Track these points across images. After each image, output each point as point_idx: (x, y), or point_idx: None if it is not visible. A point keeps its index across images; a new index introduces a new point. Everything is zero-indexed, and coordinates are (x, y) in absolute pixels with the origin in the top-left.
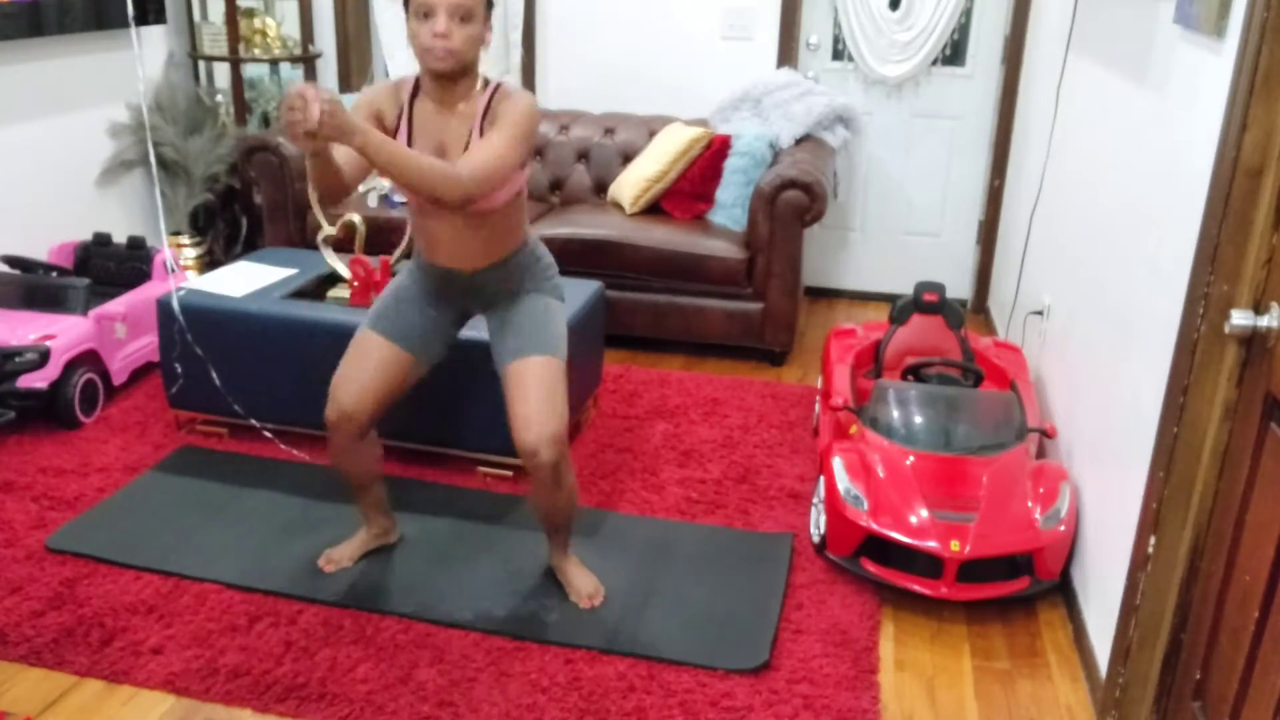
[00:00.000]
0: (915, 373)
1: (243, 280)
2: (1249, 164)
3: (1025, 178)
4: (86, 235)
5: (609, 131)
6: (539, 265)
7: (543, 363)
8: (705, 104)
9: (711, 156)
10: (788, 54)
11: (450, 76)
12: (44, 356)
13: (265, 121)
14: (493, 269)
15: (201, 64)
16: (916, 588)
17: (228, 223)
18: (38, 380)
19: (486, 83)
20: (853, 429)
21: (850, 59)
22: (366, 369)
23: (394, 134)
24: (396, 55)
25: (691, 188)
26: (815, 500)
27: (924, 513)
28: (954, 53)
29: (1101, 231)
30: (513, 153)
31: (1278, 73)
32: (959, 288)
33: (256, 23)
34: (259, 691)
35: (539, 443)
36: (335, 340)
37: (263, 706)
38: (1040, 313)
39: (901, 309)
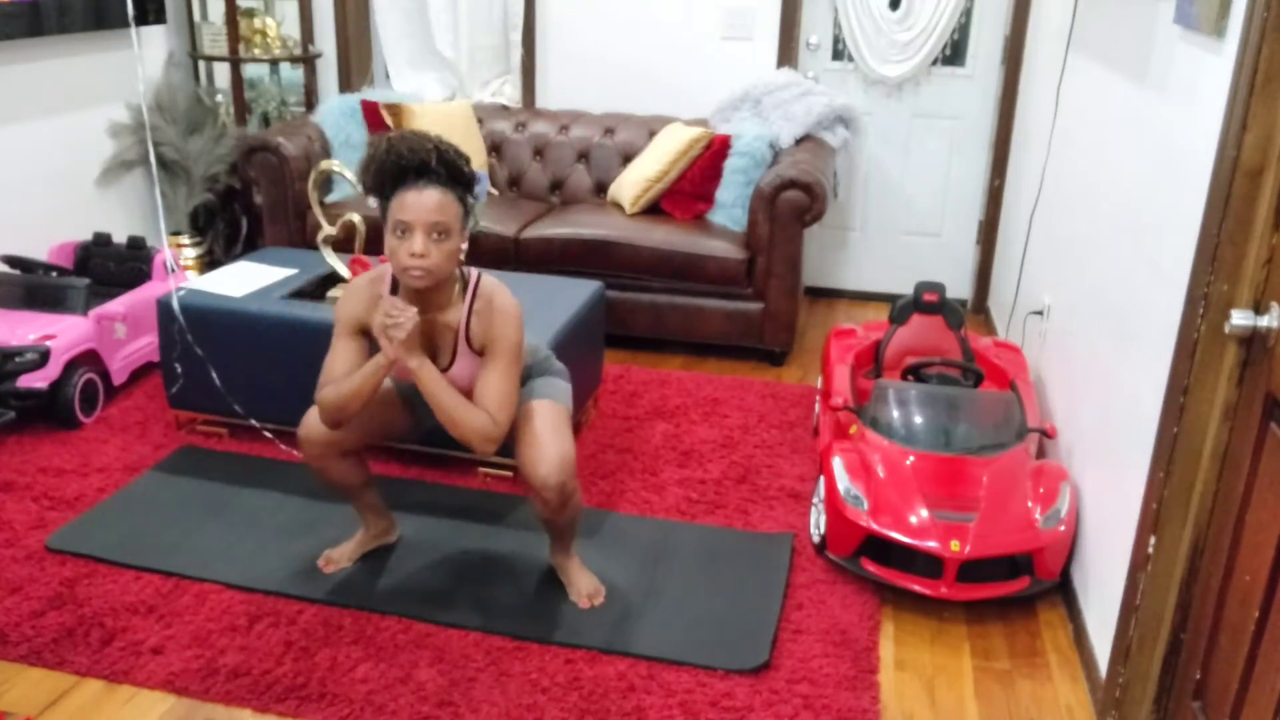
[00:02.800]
0: (915, 373)
1: (243, 280)
2: (1249, 164)
3: (1025, 178)
4: (86, 235)
5: (609, 131)
6: (537, 360)
7: (549, 405)
8: (705, 104)
9: (711, 156)
10: (788, 54)
11: (430, 288)
12: (44, 356)
13: (265, 121)
14: None
15: (201, 64)
16: (916, 588)
17: (228, 223)
18: (38, 380)
19: (464, 281)
20: (853, 429)
21: (850, 59)
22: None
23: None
24: (396, 56)
25: (691, 188)
26: (815, 500)
27: (924, 513)
28: (954, 53)
29: (1101, 231)
30: (516, 380)
31: (1278, 73)
32: (959, 288)
33: (256, 23)
34: (259, 691)
35: (549, 472)
36: None
37: (263, 706)
38: (1040, 313)
39: (901, 309)
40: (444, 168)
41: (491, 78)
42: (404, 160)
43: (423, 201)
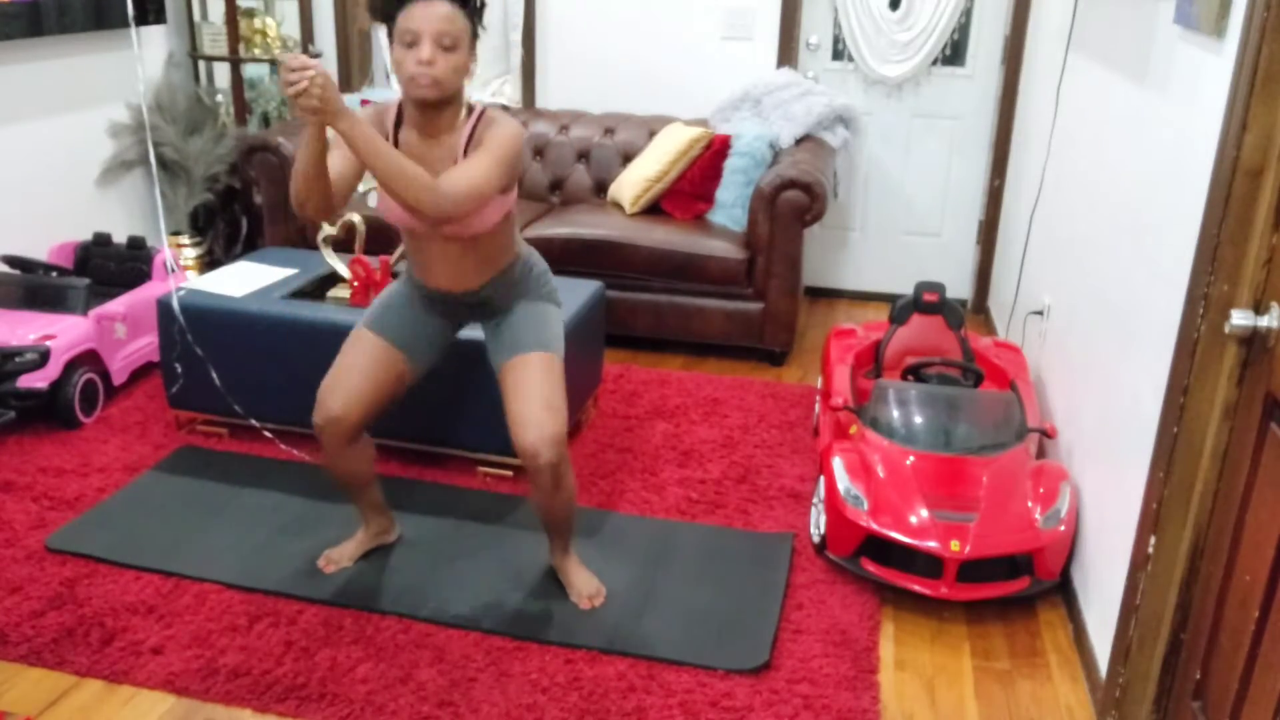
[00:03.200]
0: (915, 373)
1: (243, 280)
2: (1249, 164)
3: (1025, 178)
4: (86, 235)
5: (609, 131)
6: (532, 275)
7: (540, 359)
8: (705, 104)
9: (711, 156)
10: (788, 54)
11: (434, 105)
12: (44, 356)
13: (265, 121)
14: (485, 287)
15: (201, 64)
16: (916, 588)
17: (228, 223)
18: (38, 380)
19: (471, 110)
20: (853, 429)
21: (850, 59)
22: (356, 370)
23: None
24: None
25: (691, 188)
26: (815, 500)
27: (924, 513)
28: (954, 53)
29: (1101, 231)
30: (494, 175)
31: (1278, 73)
32: (959, 288)
33: (256, 23)
34: (259, 691)
35: (539, 444)
36: (335, 340)
37: (263, 706)
38: (1040, 313)
39: (901, 309)
40: None
41: (491, 78)
42: None
43: (432, 10)
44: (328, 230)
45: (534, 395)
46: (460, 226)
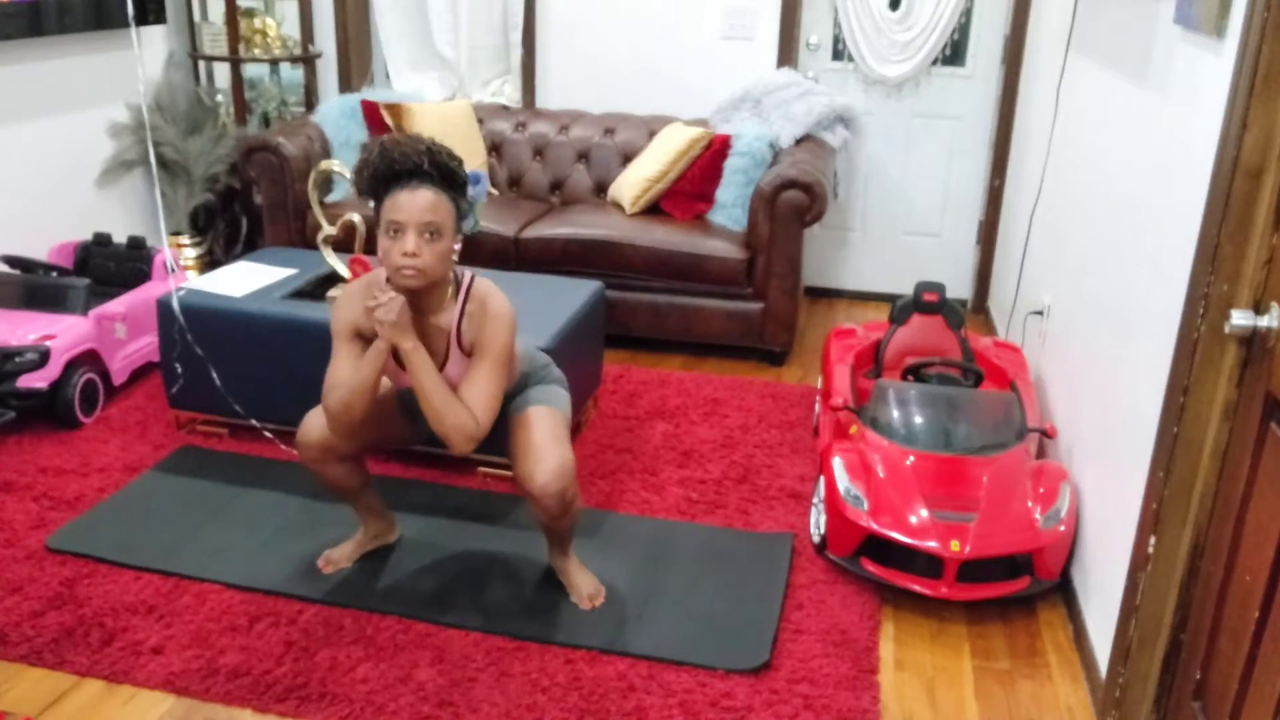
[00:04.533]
0: (915, 373)
1: (243, 280)
2: (1249, 164)
3: (1025, 178)
4: (86, 235)
5: (609, 131)
6: (535, 368)
7: (547, 412)
8: (705, 104)
9: (711, 156)
10: (788, 54)
11: (423, 289)
12: (44, 356)
13: (265, 121)
14: None
15: (201, 64)
16: (916, 588)
17: (228, 223)
18: (38, 380)
19: (458, 284)
20: (853, 429)
21: (850, 59)
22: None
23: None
24: (396, 56)
25: (691, 188)
26: (815, 500)
27: (924, 513)
28: (954, 53)
29: (1101, 231)
30: (502, 380)
31: (1278, 73)
32: (959, 288)
33: (256, 23)
34: (259, 691)
35: (547, 480)
36: None
37: (263, 706)
38: (1040, 313)
39: (901, 309)
40: (436, 169)
41: (491, 78)
42: (397, 163)
43: (415, 201)
44: (328, 230)
45: (541, 440)
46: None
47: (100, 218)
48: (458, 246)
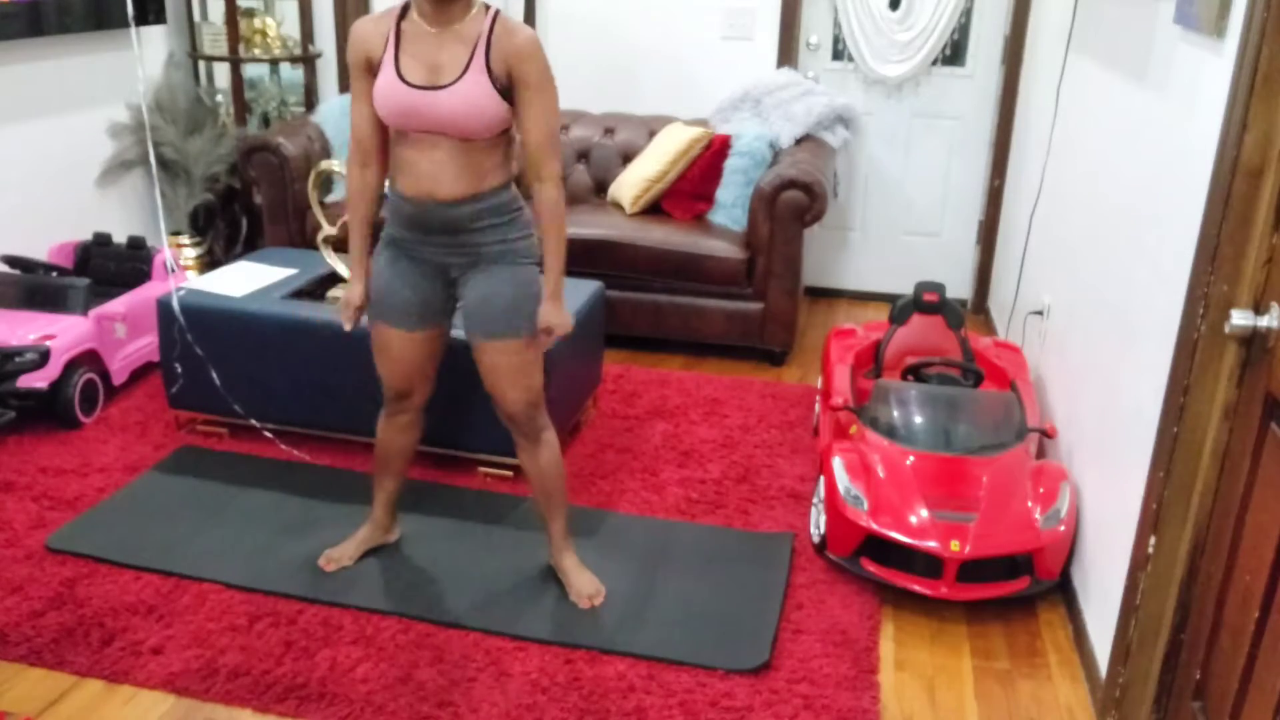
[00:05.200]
0: (915, 373)
1: (243, 280)
2: (1249, 164)
3: (1025, 178)
4: (86, 235)
5: (609, 131)
6: (519, 220)
7: (517, 345)
8: (705, 104)
9: (711, 156)
10: (788, 54)
11: None
12: (44, 356)
13: (265, 121)
14: (469, 203)
15: (201, 64)
16: (916, 588)
17: (228, 223)
18: (38, 380)
19: (485, 7)
20: (853, 429)
21: (850, 59)
22: (394, 358)
23: (381, 62)
24: None
25: (691, 188)
26: (815, 500)
27: (924, 513)
28: (954, 53)
29: (1101, 231)
30: (557, 108)
31: (1278, 73)
32: (959, 288)
33: (256, 23)
34: (259, 691)
35: (511, 406)
36: (335, 340)
37: (263, 706)
38: (1040, 313)
39: (901, 309)
40: None
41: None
42: None
43: None
44: (328, 230)
45: (509, 375)
46: (457, 127)
47: (100, 218)
48: None
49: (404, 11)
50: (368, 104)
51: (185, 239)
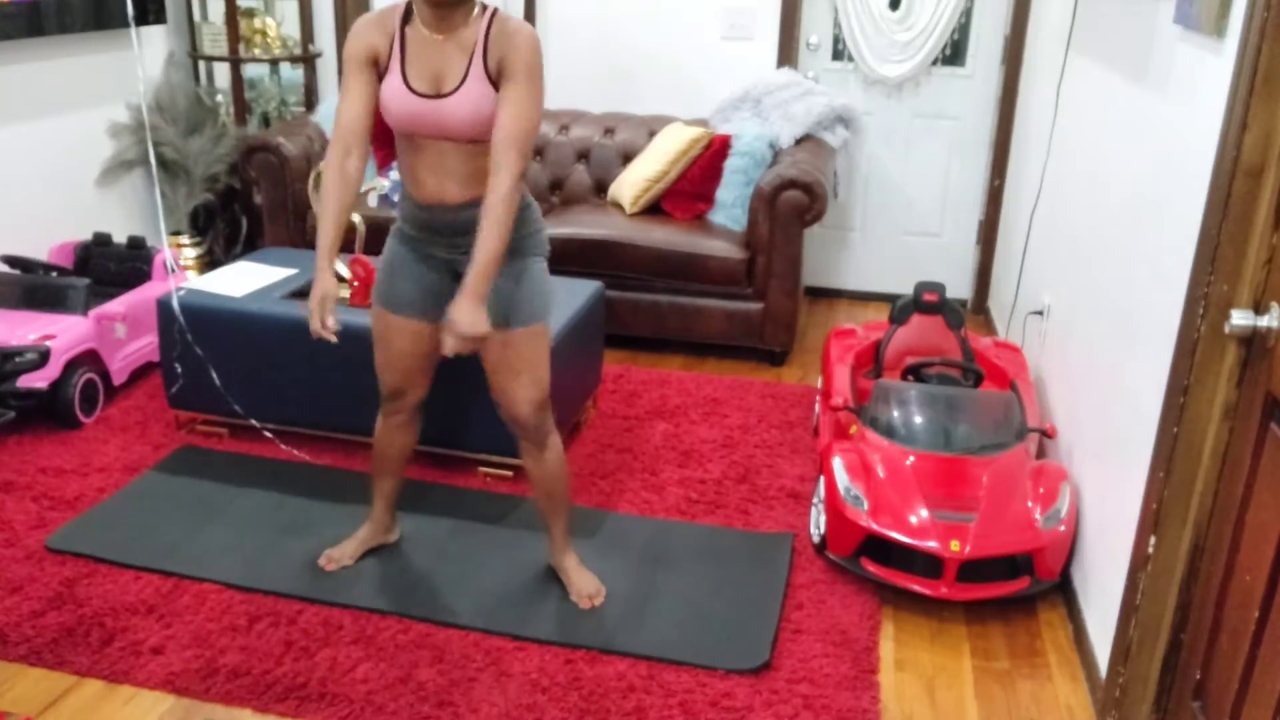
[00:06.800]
0: (915, 373)
1: (243, 280)
2: (1249, 164)
3: (1025, 178)
4: (86, 235)
5: (609, 131)
6: (527, 216)
7: (525, 335)
8: (705, 104)
9: (711, 156)
10: (788, 54)
11: (447, 3)
12: (44, 356)
13: (265, 121)
14: (478, 205)
15: (201, 64)
16: (916, 588)
17: (228, 223)
18: (38, 380)
19: (484, 8)
20: (853, 429)
21: (850, 59)
22: (392, 349)
23: (388, 67)
24: None
25: (691, 188)
26: (815, 500)
27: (924, 513)
28: (954, 53)
29: (1101, 231)
30: (537, 102)
31: (1278, 73)
32: (959, 288)
33: (256, 23)
34: (259, 691)
35: (518, 409)
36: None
37: (263, 706)
38: (1040, 313)
39: (901, 309)
40: None
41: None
42: None
43: None
44: None
45: (517, 370)
46: (463, 133)
47: (100, 218)
48: None
49: (407, 15)
50: (360, 97)
51: (185, 239)
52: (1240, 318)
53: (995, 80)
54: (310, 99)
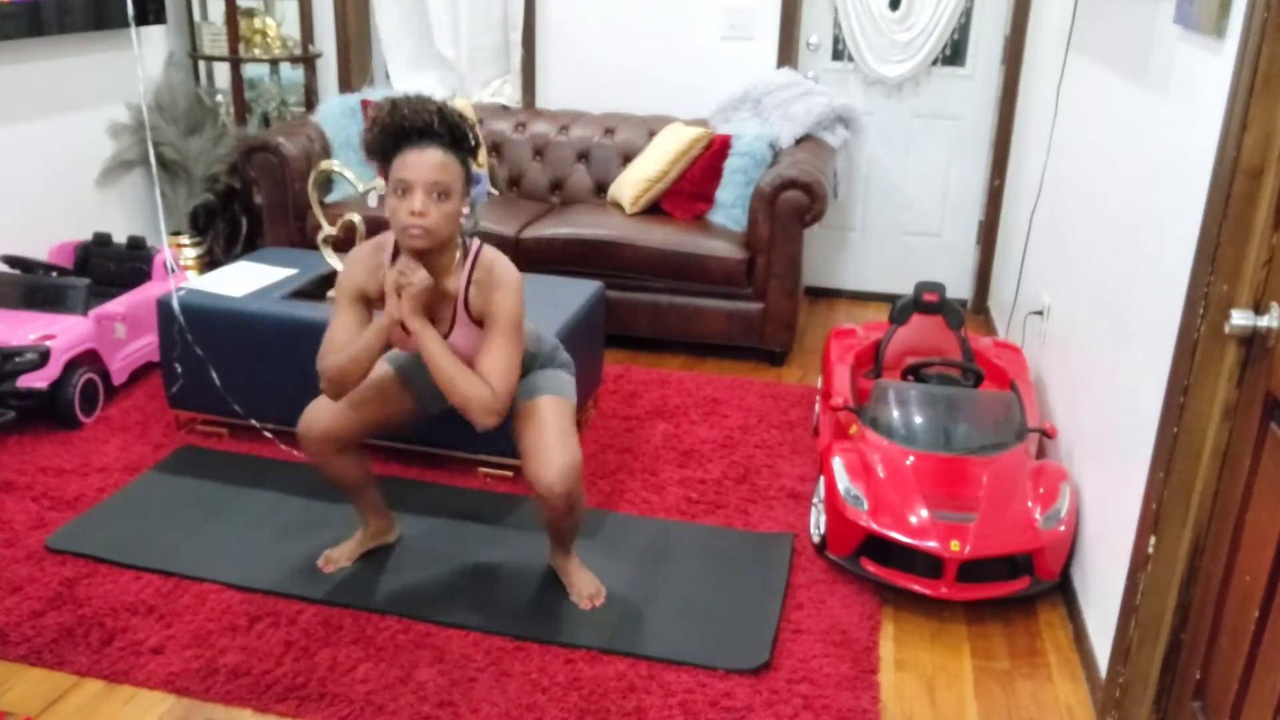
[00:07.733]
0: (915, 373)
1: (243, 280)
2: (1249, 164)
3: (1025, 178)
4: (86, 235)
5: (609, 131)
6: (542, 350)
7: (554, 404)
8: (705, 104)
9: (711, 156)
10: (788, 54)
11: (430, 250)
12: (44, 356)
13: (265, 121)
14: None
15: (201, 64)
16: (916, 588)
17: (228, 223)
18: (38, 380)
19: (465, 248)
20: (853, 429)
21: (850, 59)
22: (371, 384)
23: (381, 303)
24: (396, 56)
25: (691, 188)
26: (815, 500)
27: (924, 513)
28: (954, 53)
29: (1101, 231)
30: (517, 351)
31: (1278, 73)
32: (959, 288)
33: (256, 23)
34: (259, 691)
35: (555, 480)
36: None
37: (263, 706)
38: (1040, 313)
39: (901, 309)
40: (447, 129)
41: (491, 78)
42: (407, 121)
43: (424, 160)
44: (328, 230)
45: (550, 432)
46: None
47: (100, 218)
48: (466, 210)
49: (398, 250)
50: (353, 328)
51: (185, 239)
52: (1240, 318)
53: (995, 80)
54: (310, 99)
